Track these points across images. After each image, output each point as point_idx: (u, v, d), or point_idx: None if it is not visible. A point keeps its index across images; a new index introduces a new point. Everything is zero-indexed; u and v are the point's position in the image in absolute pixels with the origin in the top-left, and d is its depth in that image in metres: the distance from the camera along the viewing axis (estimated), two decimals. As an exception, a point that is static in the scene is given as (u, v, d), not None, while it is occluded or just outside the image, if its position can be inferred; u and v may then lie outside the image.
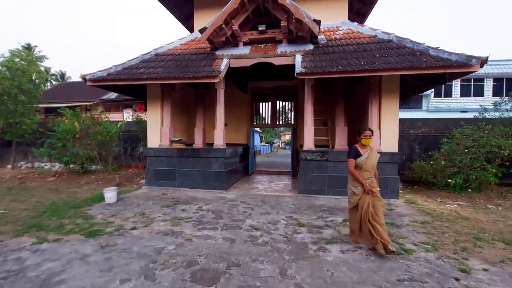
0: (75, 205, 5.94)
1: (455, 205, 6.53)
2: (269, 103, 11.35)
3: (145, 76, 6.71)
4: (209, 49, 7.76)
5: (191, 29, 9.88)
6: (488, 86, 20.34)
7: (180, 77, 6.60)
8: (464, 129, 8.49)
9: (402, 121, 8.28)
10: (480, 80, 20.12)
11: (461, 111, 19.66)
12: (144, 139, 9.30)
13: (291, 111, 11.41)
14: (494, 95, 20.31)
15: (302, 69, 6.06)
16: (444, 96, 20.60)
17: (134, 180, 9.45)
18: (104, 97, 24.96)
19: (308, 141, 7.09)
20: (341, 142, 7.84)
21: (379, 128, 6.85)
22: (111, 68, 7.43)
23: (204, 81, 6.58)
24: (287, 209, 5.73)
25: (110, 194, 6.20)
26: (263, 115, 11.61)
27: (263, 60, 6.98)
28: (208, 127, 9.41)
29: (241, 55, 7.20)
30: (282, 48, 7.18)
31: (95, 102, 24.85)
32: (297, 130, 11.03)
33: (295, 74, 6.17)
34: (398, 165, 6.81)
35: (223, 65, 6.87)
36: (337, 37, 7.44)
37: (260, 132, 39.50)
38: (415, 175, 8.65)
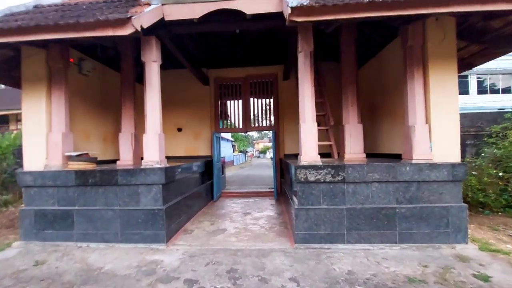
0: None
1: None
2: (240, 98, 8.25)
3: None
4: (131, -3, 4.50)
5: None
6: (473, 83, 19.21)
7: (49, 27, 3.26)
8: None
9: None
10: (464, 77, 18.90)
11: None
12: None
13: (269, 109, 8.41)
14: (479, 93, 19.25)
15: (303, 2, 3.03)
16: (430, 94, 19.14)
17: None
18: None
19: (309, 150, 4.07)
20: (354, 148, 4.97)
21: (427, 121, 4.04)
22: None
23: (101, 33, 3.31)
24: (286, 301, 2.58)
25: None
26: (233, 116, 8.46)
27: (224, 6, 3.87)
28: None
29: (184, -1, 4.03)
30: (256, -11, 4.15)
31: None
32: (279, 134, 8.03)
33: (288, 16, 3.14)
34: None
35: (148, 10, 3.64)
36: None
37: (232, 141, 36.26)
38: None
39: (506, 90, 18.99)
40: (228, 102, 8.43)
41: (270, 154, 50.34)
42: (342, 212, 3.92)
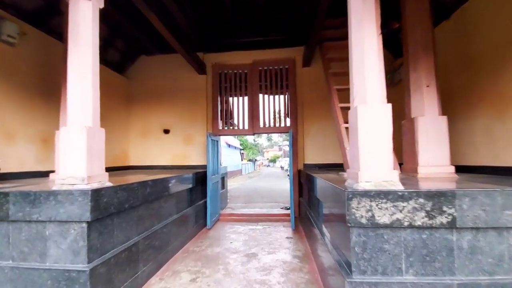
0: None
1: None
2: (245, 91, 6.32)
3: None
4: None
5: None
6: None
7: None
8: None
9: None
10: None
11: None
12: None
13: (285, 105, 6.43)
14: None
15: None
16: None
17: None
18: None
19: (376, 160, 2.02)
20: (435, 157, 2.95)
21: None
22: None
23: None
24: None
25: None
26: (236, 114, 6.51)
27: None
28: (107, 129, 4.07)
29: None
30: None
31: None
32: (297, 137, 6.02)
33: None
34: None
35: None
36: None
37: (240, 149, 34.39)
38: None
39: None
40: (231, 95, 6.52)
41: (280, 163, 47.97)
42: (450, 293, 1.84)
